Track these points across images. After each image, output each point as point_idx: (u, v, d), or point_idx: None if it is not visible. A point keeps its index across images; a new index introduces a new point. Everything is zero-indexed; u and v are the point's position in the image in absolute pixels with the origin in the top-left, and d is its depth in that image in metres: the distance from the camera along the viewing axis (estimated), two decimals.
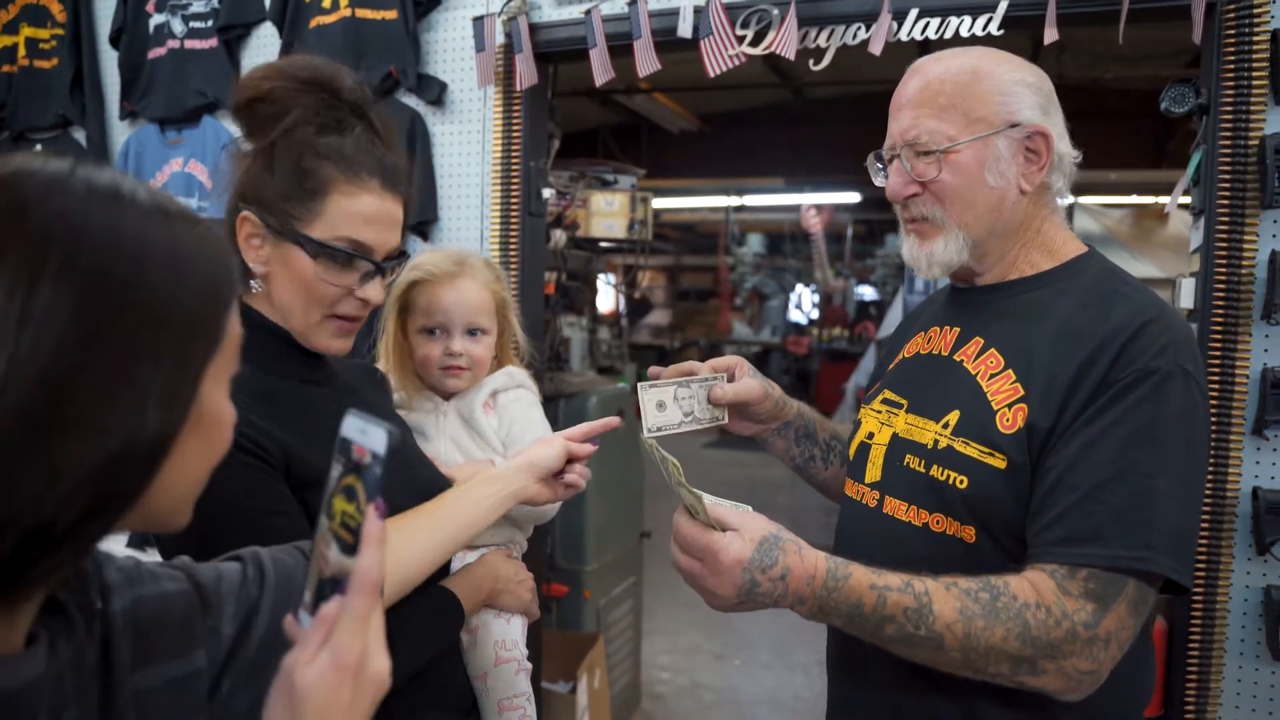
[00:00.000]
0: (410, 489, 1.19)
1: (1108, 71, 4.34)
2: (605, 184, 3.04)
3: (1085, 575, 1.00)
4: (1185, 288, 1.88)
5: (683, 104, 7.12)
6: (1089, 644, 0.99)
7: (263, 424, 1.03)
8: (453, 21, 2.41)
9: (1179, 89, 1.80)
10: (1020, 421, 1.08)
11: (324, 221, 1.09)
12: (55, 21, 2.99)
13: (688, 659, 4.13)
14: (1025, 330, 1.14)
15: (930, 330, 1.28)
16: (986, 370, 1.14)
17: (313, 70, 1.10)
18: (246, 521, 1.00)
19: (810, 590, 1.01)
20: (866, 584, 1.01)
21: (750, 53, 2.06)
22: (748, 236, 11.67)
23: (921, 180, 1.17)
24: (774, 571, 1.01)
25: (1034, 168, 1.16)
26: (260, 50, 2.66)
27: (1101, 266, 1.19)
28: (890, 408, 1.26)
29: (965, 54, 1.19)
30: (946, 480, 1.11)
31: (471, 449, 1.46)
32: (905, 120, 1.17)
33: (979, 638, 0.99)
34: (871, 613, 1.01)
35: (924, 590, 1.01)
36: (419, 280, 1.46)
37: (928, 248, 1.19)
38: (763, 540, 1.02)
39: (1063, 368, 1.07)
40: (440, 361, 1.45)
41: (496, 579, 1.32)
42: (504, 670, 1.33)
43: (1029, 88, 1.16)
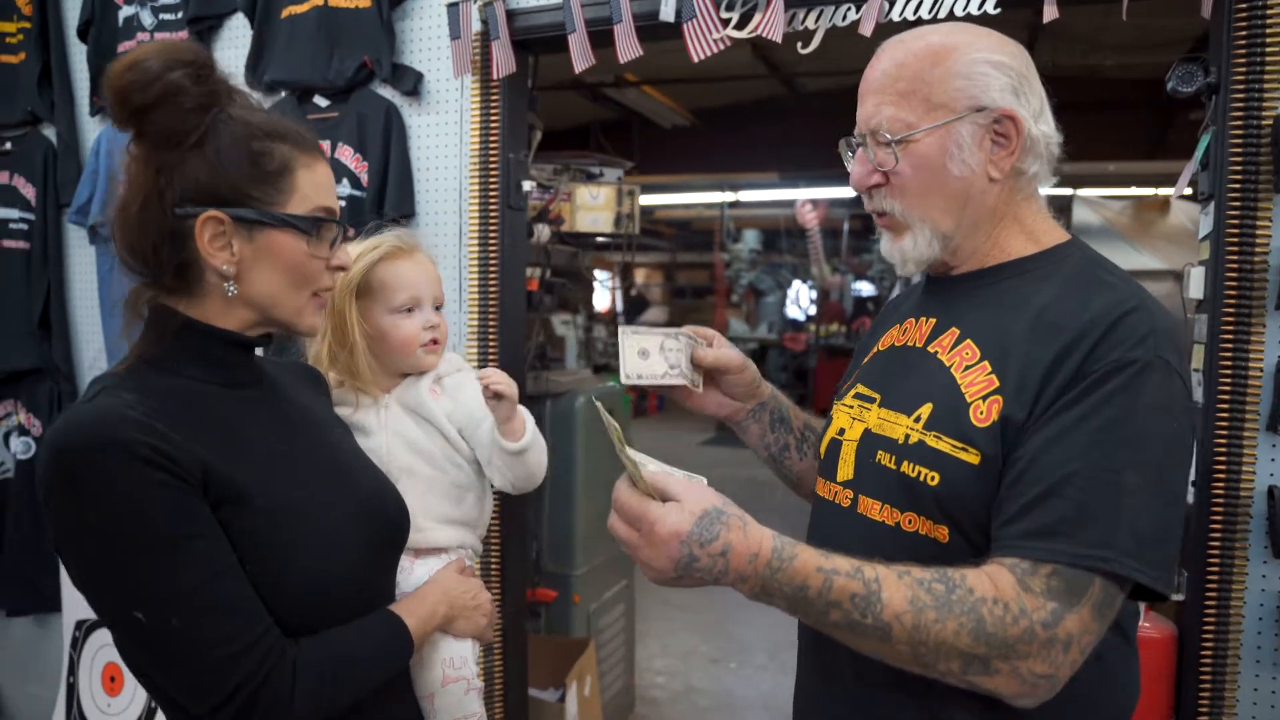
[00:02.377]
0: (355, 499, 1.12)
1: (1106, 59, 4.26)
2: (591, 177, 2.95)
3: (1049, 572, 0.94)
4: (1194, 277, 1.80)
5: (674, 98, 7.04)
6: (1047, 645, 0.93)
7: (179, 438, 0.95)
8: (429, 9, 2.32)
9: (1186, 67, 1.71)
10: (995, 414, 1.01)
11: (297, 198, 1.06)
12: (21, 14, 2.90)
13: (682, 662, 4.04)
14: (1002, 320, 1.08)
15: (906, 322, 1.22)
16: (961, 362, 1.08)
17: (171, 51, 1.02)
18: (162, 545, 0.92)
19: (753, 569, 0.95)
20: (813, 566, 0.95)
21: (735, 36, 1.97)
22: (743, 233, 11.58)
23: (884, 170, 1.11)
24: (714, 547, 0.94)
25: (1003, 153, 1.09)
26: (232, 41, 2.57)
27: (1084, 255, 1.13)
28: (863, 402, 1.20)
29: (933, 32, 1.12)
30: (917, 477, 1.05)
31: (418, 438, 1.40)
32: (869, 106, 1.11)
33: (929, 630, 0.93)
34: (816, 597, 0.95)
35: (874, 577, 0.95)
36: (381, 258, 1.40)
37: (899, 244, 1.14)
38: (704, 514, 0.95)
39: (1039, 358, 1.01)
40: (421, 337, 1.41)
41: (451, 605, 1.25)
42: (453, 690, 1.26)
43: (997, 67, 1.08)
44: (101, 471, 0.91)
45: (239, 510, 0.98)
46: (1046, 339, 1.01)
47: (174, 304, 1.05)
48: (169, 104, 1.00)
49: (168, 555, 0.92)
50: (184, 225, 1.02)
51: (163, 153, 1.02)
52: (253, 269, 1.05)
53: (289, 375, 1.24)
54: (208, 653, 0.93)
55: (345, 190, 2.36)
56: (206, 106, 1.02)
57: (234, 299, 1.05)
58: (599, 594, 3.19)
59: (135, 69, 0.99)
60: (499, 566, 2.32)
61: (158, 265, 1.03)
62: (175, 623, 0.92)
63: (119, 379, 1.01)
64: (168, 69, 1.00)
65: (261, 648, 0.95)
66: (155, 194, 1.02)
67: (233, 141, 1.03)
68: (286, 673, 0.96)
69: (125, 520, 0.91)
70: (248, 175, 1.03)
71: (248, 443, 1.04)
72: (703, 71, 6.25)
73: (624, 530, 0.99)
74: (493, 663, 2.34)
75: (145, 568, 0.92)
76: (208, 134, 1.02)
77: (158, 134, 1.01)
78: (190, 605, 0.92)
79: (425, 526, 1.36)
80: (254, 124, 1.05)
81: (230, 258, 1.03)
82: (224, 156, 1.02)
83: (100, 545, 0.92)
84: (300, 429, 1.14)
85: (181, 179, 1.02)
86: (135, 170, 1.03)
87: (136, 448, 0.91)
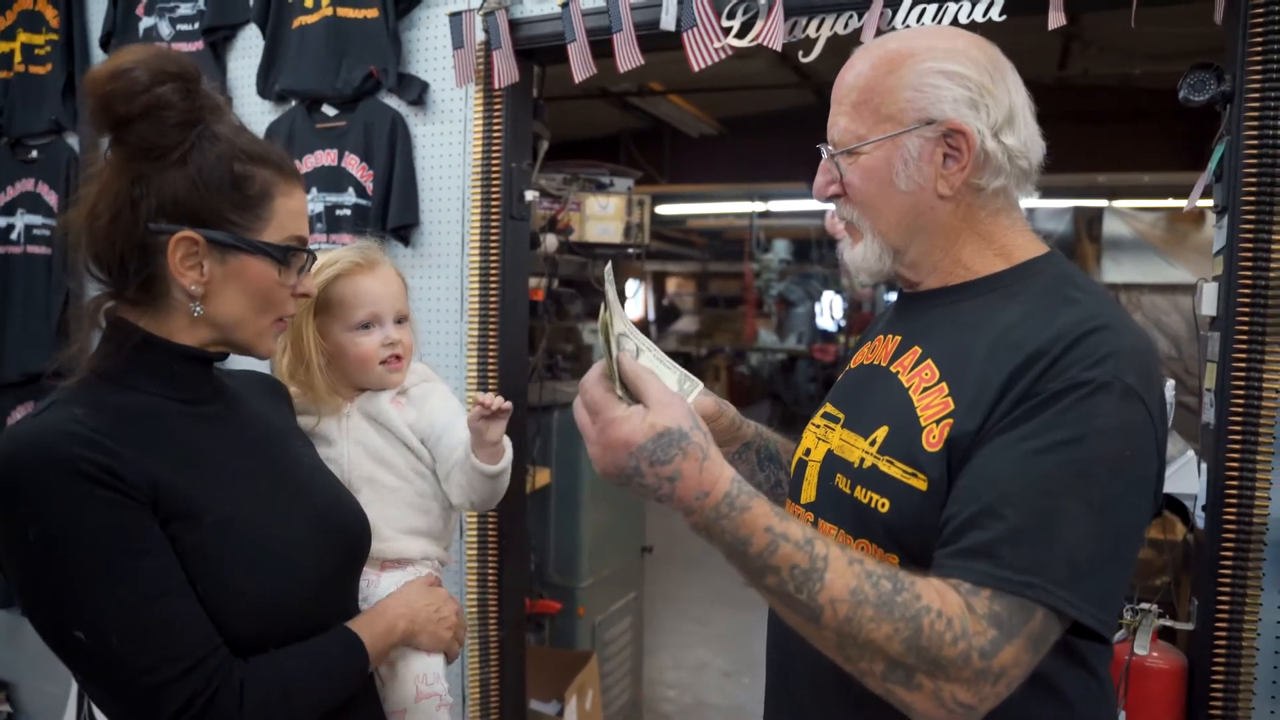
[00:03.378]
0: (312, 515, 1.10)
1: (1136, 68, 4.15)
2: (601, 187, 2.93)
3: (989, 595, 0.87)
4: (1207, 293, 1.73)
5: (702, 107, 7.01)
6: (980, 675, 0.86)
7: (127, 454, 0.94)
8: (434, 19, 2.32)
9: (1199, 75, 1.64)
10: (944, 437, 0.97)
11: (274, 226, 1.05)
12: (49, 27, 2.96)
13: (694, 676, 4.00)
14: (964, 339, 1.03)
15: (875, 339, 1.18)
16: (920, 383, 1.04)
17: (159, 61, 1.00)
18: (102, 563, 0.91)
19: (699, 505, 0.90)
20: (763, 525, 0.90)
21: (736, 45, 1.94)
22: (773, 242, 11.49)
23: (837, 181, 1.10)
24: (664, 470, 0.89)
25: (955, 167, 1.04)
26: (245, 51, 2.59)
27: (1058, 270, 1.07)
28: (829, 422, 1.16)
29: (896, 38, 1.09)
30: (869, 503, 1.02)
31: (380, 448, 1.38)
32: (831, 115, 1.09)
33: (862, 626, 0.87)
34: (756, 556, 0.89)
35: (823, 555, 0.89)
36: (339, 275, 1.38)
37: (850, 252, 1.12)
38: (664, 432, 0.89)
39: (992, 377, 0.96)
40: (380, 355, 1.38)
41: (413, 619, 1.23)
42: (424, 707, 1.24)
43: (950, 77, 1.03)
44: (42, 488, 0.90)
45: (189, 527, 0.97)
46: (1003, 358, 0.96)
47: (134, 317, 1.04)
48: (154, 117, 0.99)
49: (108, 574, 0.90)
50: (156, 240, 1.00)
51: (141, 164, 1.00)
52: (220, 291, 1.04)
53: (250, 388, 1.23)
54: (149, 674, 0.91)
55: (350, 199, 2.37)
56: (191, 123, 1.01)
57: (198, 319, 1.04)
58: (605, 606, 3.16)
59: (121, 78, 0.98)
60: (496, 576, 2.31)
61: (122, 277, 1.02)
62: (115, 642, 0.90)
63: (72, 393, 1.00)
64: (156, 81, 0.98)
65: (206, 669, 0.93)
66: (129, 204, 1.00)
67: (216, 161, 1.01)
68: (233, 694, 0.94)
69: (65, 538, 0.90)
70: (228, 198, 1.02)
71: (202, 459, 1.03)
72: (731, 80, 6.25)
73: (583, 416, 0.95)
74: (489, 674, 2.32)
75: (84, 585, 0.90)
76: (191, 151, 1.01)
77: (139, 145, 1.00)
78: (131, 625, 0.91)
79: (389, 537, 1.34)
80: (238, 146, 1.04)
81: (199, 278, 1.02)
82: (206, 176, 1.01)
83: (40, 563, 0.91)
84: (258, 444, 1.13)
85: (159, 193, 1.00)
86: (109, 177, 1.02)
87: (79, 464, 0.90)
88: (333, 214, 2.37)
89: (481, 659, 2.32)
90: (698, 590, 4.95)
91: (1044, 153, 1.09)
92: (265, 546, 1.02)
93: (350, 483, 1.31)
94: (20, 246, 2.95)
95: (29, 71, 2.98)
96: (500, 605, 2.32)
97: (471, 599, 2.31)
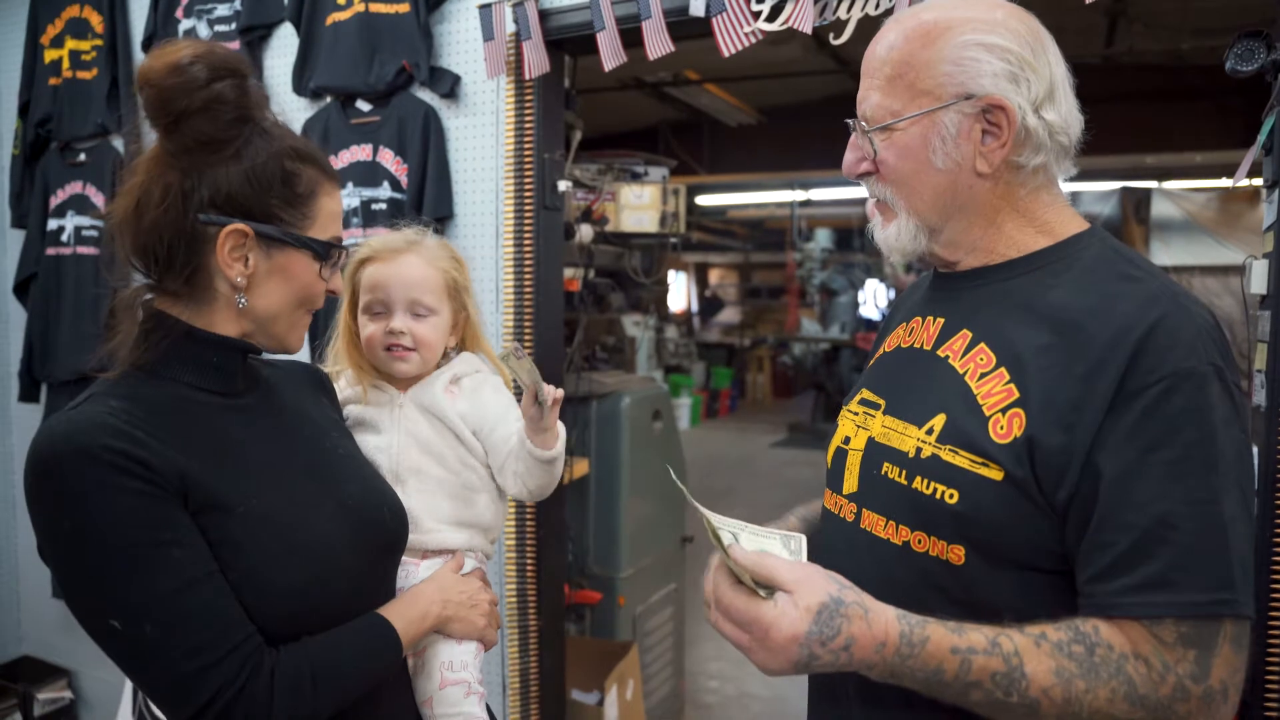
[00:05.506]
0: (345, 506, 1.11)
1: (1184, 44, 4.03)
2: (635, 177, 2.92)
3: (1173, 622, 0.86)
4: (1256, 270, 1.67)
5: (741, 96, 6.97)
6: (1206, 700, 0.85)
7: (159, 446, 0.96)
8: (465, 12, 2.33)
9: (1247, 44, 1.58)
10: (1017, 430, 0.93)
11: (318, 224, 1.09)
12: (94, 33, 3.03)
13: (737, 668, 3.98)
14: (1015, 322, 0.99)
15: (912, 321, 1.14)
16: (976, 369, 1.00)
17: (216, 58, 1.00)
18: (135, 552, 0.92)
19: (880, 658, 0.89)
20: (947, 647, 0.88)
21: (766, 29, 1.92)
22: (815, 231, 11.38)
23: (869, 159, 1.06)
24: (836, 643, 0.88)
25: (995, 144, 1.00)
26: (281, 50, 2.63)
27: (1104, 244, 1.02)
28: (867, 409, 1.12)
29: (933, 8, 1.03)
30: (932, 494, 0.98)
31: (431, 439, 1.38)
32: (862, 89, 1.05)
33: (1080, 702, 0.86)
34: (954, 680, 0.89)
35: (1013, 650, 0.88)
36: (365, 259, 1.41)
37: (885, 232, 1.08)
38: (821, 609, 0.88)
39: (1064, 371, 0.92)
40: (382, 341, 1.38)
41: (445, 604, 1.23)
42: (450, 694, 1.24)
43: (991, 50, 0.99)
44: (75, 480, 0.91)
45: (221, 518, 0.98)
46: (1067, 348, 0.93)
47: (175, 310, 1.05)
48: (211, 112, 1.00)
49: (141, 563, 0.92)
50: (205, 232, 1.01)
51: (195, 157, 1.01)
52: (262, 284, 1.06)
53: (290, 378, 1.24)
54: (183, 661, 0.92)
55: (386, 193, 2.39)
56: (245, 118, 1.03)
57: (242, 311, 1.06)
58: (645, 596, 3.17)
59: (181, 73, 0.98)
60: (535, 567, 2.32)
61: (169, 268, 1.03)
62: (149, 630, 0.92)
63: (110, 385, 1.02)
64: (215, 77, 1.00)
65: (238, 657, 0.94)
66: (180, 196, 1.00)
67: (268, 158, 1.03)
68: (264, 682, 0.95)
69: (99, 528, 0.91)
70: (278, 194, 1.04)
71: (235, 452, 1.04)
72: (768, 68, 6.19)
73: (732, 631, 0.92)
74: (528, 663, 2.34)
75: (119, 575, 0.92)
76: (245, 146, 1.02)
77: (194, 139, 1.00)
78: (164, 613, 0.92)
79: (433, 528, 1.35)
80: (288, 143, 1.06)
81: (244, 270, 1.04)
82: (258, 172, 1.03)
83: (75, 553, 0.93)
84: (293, 436, 1.14)
85: (211, 186, 1.01)
86: (160, 169, 1.02)
87: (111, 456, 0.91)
88: (368, 208, 2.40)
89: (521, 648, 2.34)
90: None
91: (1083, 128, 1.05)
92: (295, 538, 1.03)
93: (397, 473, 1.32)
94: (70, 247, 3.03)
95: (76, 77, 3.05)
96: (539, 595, 2.33)
97: (511, 589, 2.33)
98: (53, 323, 3.05)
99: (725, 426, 11.28)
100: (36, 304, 3.09)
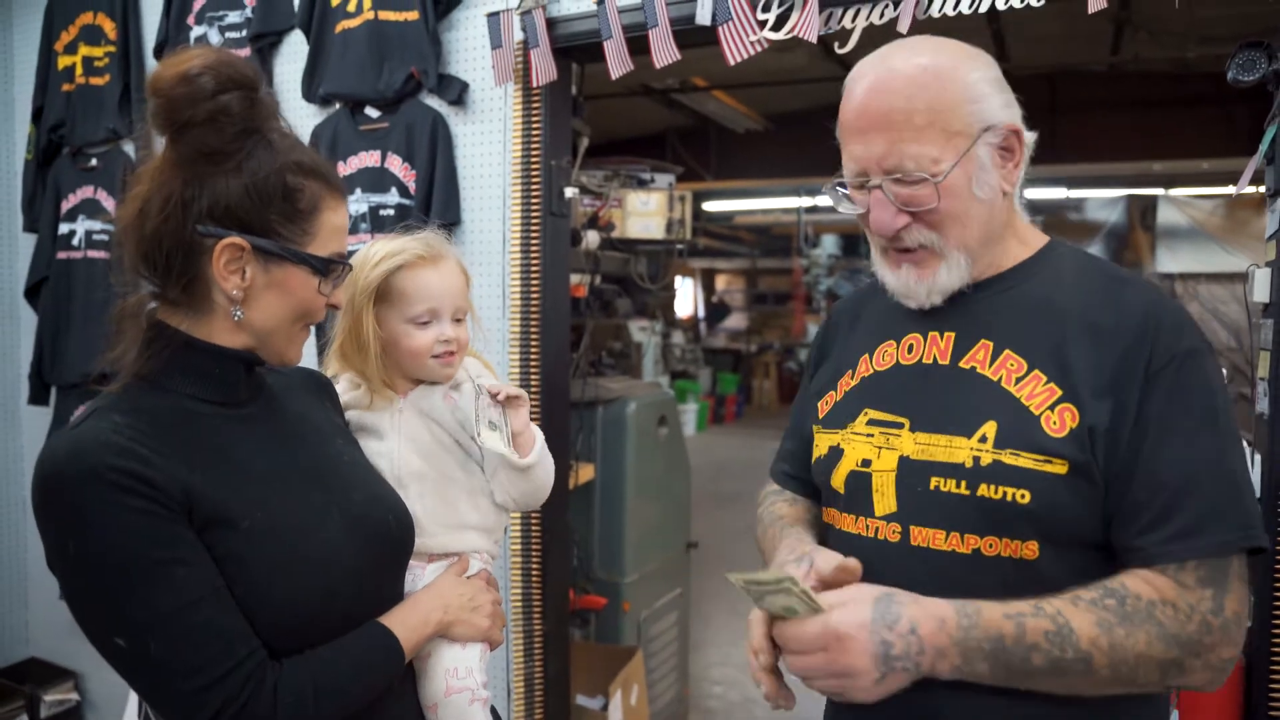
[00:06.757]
0: (350, 515, 1.11)
1: (1190, 52, 4.04)
2: (642, 183, 2.94)
3: (1194, 564, 0.97)
4: (1259, 279, 1.68)
5: (747, 103, 6.99)
6: (1224, 630, 0.96)
7: (163, 462, 0.96)
8: (473, 20, 2.36)
9: (1248, 54, 1.59)
10: (1070, 422, 1.02)
11: (319, 240, 1.08)
12: (107, 39, 3.06)
13: (742, 673, 3.98)
14: (1036, 327, 1.08)
15: (907, 339, 1.17)
16: (1010, 374, 1.07)
17: (225, 68, 1.00)
18: (138, 571, 0.93)
19: (946, 636, 0.95)
20: (999, 614, 0.96)
21: (772, 38, 1.93)
22: (821, 238, 11.39)
23: (910, 209, 1.06)
24: (901, 626, 0.95)
25: (1010, 165, 1.09)
26: (291, 56, 2.65)
27: (1074, 251, 1.16)
28: (885, 428, 1.14)
29: (918, 53, 1.07)
30: (1003, 497, 1.02)
31: (430, 444, 1.38)
32: (879, 146, 1.05)
33: (1123, 648, 0.94)
34: (1015, 644, 0.95)
35: (1056, 611, 0.96)
36: (402, 265, 1.35)
37: (928, 278, 1.10)
38: (876, 599, 0.97)
39: (1100, 362, 1.03)
40: (434, 350, 1.37)
41: (446, 609, 1.23)
42: (455, 701, 1.23)
43: (990, 82, 1.07)
44: (80, 500, 0.92)
45: (225, 533, 0.98)
46: (1098, 342, 1.03)
47: (175, 320, 1.05)
48: (215, 124, 0.99)
49: (145, 582, 0.92)
50: (202, 242, 1.01)
51: (197, 166, 1.01)
52: (260, 297, 1.05)
53: (293, 385, 1.23)
54: (186, 678, 0.93)
55: (394, 199, 2.41)
56: (250, 131, 1.02)
57: (238, 323, 1.05)
58: (650, 602, 3.17)
59: (189, 84, 0.98)
60: (540, 572, 2.33)
61: (166, 276, 1.03)
62: (154, 648, 0.92)
63: (114, 399, 1.02)
64: (221, 89, 0.99)
65: (241, 673, 0.95)
66: (180, 205, 1.00)
67: (270, 172, 1.02)
68: (267, 698, 0.96)
69: (104, 548, 0.92)
70: (279, 209, 1.03)
71: (239, 463, 1.04)
72: (775, 75, 6.21)
73: (805, 661, 0.97)
74: (533, 668, 2.35)
75: (123, 594, 0.92)
76: (247, 159, 1.01)
77: (196, 149, 1.00)
78: (168, 631, 0.93)
79: (438, 532, 1.36)
80: (291, 157, 1.05)
81: (241, 283, 1.03)
82: (259, 185, 1.02)
83: (82, 571, 0.93)
84: (297, 445, 1.13)
85: (211, 197, 1.00)
86: (164, 177, 1.02)
87: (115, 475, 0.92)
88: (376, 214, 2.42)
89: (526, 653, 2.35)
90: None
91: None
92: (301, 550, 1.03)
93: (399, 478, 1.32)
94: (81, 251, 3.06)
95: (89, 83, 3.08)
96: (544, 600, 2.34)
97: (516, 594, 2.34)
98: (63, 326, 3.08)
99: (731, 432, 11.29)
100: (47, 307, 3.11)
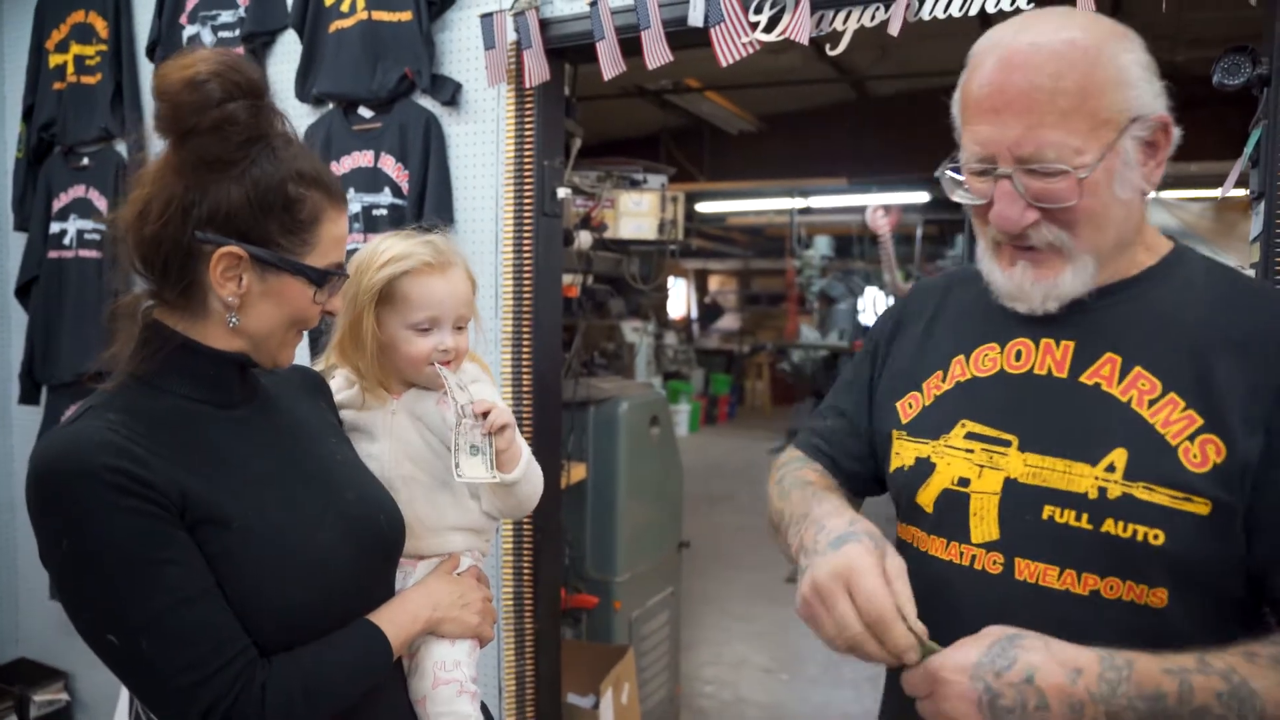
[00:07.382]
0: (343, 515, 1.12)
1: (1179, 55, 4.06)
2: (634, 184, 2.95)
3: None
4: None
5: (741, 104, 7.01)
6: None
7: (157, 462, 0.96)
8: (466, 20, 2.36)
9: (1233, 58, 1.60)
10: (1215, 456, 0.90)
11: (318, 251, 1.08)
12: (99, 38, 3.06)
13: (733, 672, 4.00)
14: (1168, 342, 0.95)
15: (1014, 344, 1.05)
16: (1141, 395, 0.95)
17: (232, 73, 1.00)
18: (131, 570, 0.93)
19: (1083, 690, 0.82)
20: (1157, 668, 0.83)
21: (764, 39, 1.94)
22: (814, 239, 11.41)
23: (1042, 204, 0.94)
24: (1013, 674, 0.83)
25: (1154, 163, 0.95)
26: (284, 56, 2.65)
27: (1205, 259, 1.03)
28: (987, 445, 1.02)
29: (1061, 25, 0.93)
30: (1133, 536, 0.91)
31: (421, 448, 1.38)
32: (1014, 130, 0.92)
33: None
34: (1179, 705, 0.82)
35: (1228, 668, 0.83)
36: (408, 271, 1.34)
37: (1049, 280, 0.98)
38: (994, 641, 0.86)
39: (1247, 390, 0.90)
40: (434, 358, 1.37)
41: (435, 606, 1.23)
42: (443, 693, 1.24)
43: (1143, 66, 0.93)
44: (74, 499, 0.92)
45: (217, 532, 0.99)
46: (1250, 364, 0.91)
47: (172, 321, 1.05)
48: (220, 132, 1.00)
49: (138, 581, 0.93)
50: (200, 249, 1.01)
51: (199, 173, 1.01)
52: (256, 304, 1.05)
53: (288, 384, 1.24)
54: (177, 677, 0.94)
55: (387, 199, 2.41)
56: (254, 139, 1.02)
57: (233, 329, 1.06)
58: (642, 601, 3.18)
59: (196, 90, 0.98)
60: (531, 571, 2.34)
61: (163, 279, 1.04)
62: (145, 646, 0.93)
63: (109, 397, 1.02)
64: (228, 97, 0.99)
65: (229, 673, 0.95)
66: (180, 210, 1.00)
67: (272, 182, 1.02)
68: (255, 697, 0.96)
69: (97, 547, 0.93)
70: (278, 220, 1.03)
71: (232, 464, 1.05)
72: (768, 75, 6.23)
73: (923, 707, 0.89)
74: (525, 666, 2.35)
75: (116, 593, 0.93)
76: (250, 167, 1.01)
77: (200, 156, 1.00)
78: (160, 630, 0.93)
79: (428, 534, 1.36)
80: (294, 167, 1.04)
81: (237, 290, 1.03)
82: (260, 195, 1.02)
83: (74, 570, 0.94)
84: (290, 445, 1.14)
85: (211, 204, 1.00)
86: (165, 180, 1.02)
87: (109, 474, 0.92)
88: (369, 214, 2.42)
89: (517, 652, 2.35)
90: (736, 586, 4.96)
91: None
92: (293, 550, 1.04)
93: (390, 480, 1.32)
94: (72, 251, 3.05)
95: (80, 82, 3.08)
96: (535, 598, 2.35)
97: (508, 592, 2.34)
98: (54, 325, 3.07)
99: (724, 433, 11.31)
100: (38, 307, 3.11)
